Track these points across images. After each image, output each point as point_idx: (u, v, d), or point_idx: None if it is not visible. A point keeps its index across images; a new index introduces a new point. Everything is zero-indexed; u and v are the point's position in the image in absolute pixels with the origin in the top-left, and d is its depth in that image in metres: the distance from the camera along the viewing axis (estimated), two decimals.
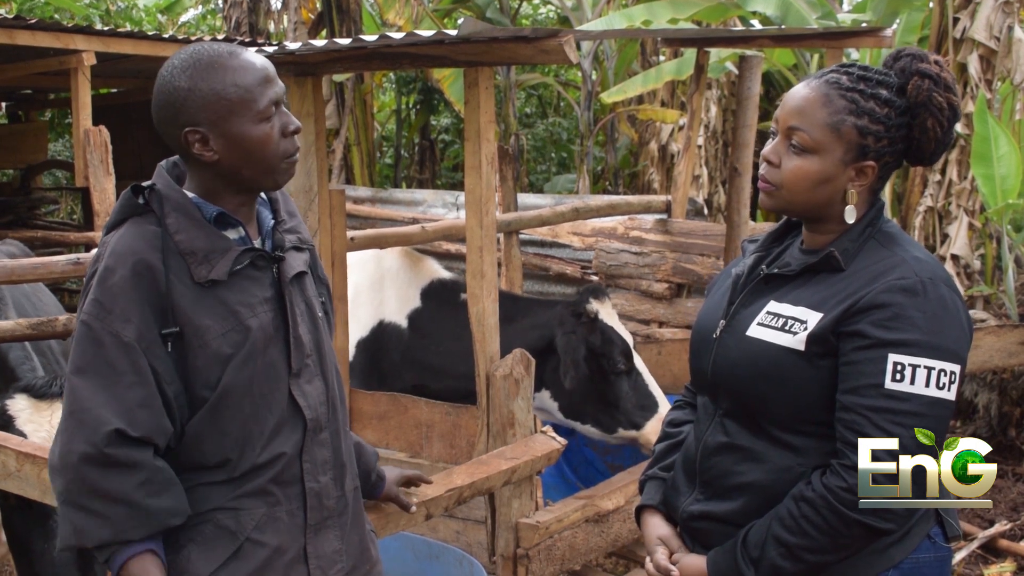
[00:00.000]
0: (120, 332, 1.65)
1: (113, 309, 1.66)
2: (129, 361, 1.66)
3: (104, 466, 1.64)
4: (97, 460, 1.63)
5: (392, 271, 4.29)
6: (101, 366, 1.66)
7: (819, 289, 1.72)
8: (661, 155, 10.20)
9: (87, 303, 1.69)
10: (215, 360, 1.70)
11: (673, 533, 1.90)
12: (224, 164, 1.73)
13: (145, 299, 1.67)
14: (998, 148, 5.45)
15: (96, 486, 1.64)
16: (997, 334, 4.49)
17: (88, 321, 1.67)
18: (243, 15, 10.64)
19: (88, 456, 1.63)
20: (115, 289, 1.66)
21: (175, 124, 1.72)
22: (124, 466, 1.64)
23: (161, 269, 1.68)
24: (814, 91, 1.74)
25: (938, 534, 1.75)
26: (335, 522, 1.84)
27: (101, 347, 1.66)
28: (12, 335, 3.18)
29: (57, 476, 1.68)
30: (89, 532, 1.66)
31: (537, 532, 3.12)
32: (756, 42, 5.14)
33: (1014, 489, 4.72)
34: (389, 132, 13.79)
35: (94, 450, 1.63)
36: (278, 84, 1.76)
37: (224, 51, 1.73)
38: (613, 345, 3.95)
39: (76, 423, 1.65)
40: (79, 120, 6.63)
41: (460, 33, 2.71)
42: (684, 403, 2.06)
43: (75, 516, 1.66)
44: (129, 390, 1.65)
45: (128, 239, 1.70)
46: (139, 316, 1.66)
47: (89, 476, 1.64)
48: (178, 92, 1.70)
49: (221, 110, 1.69)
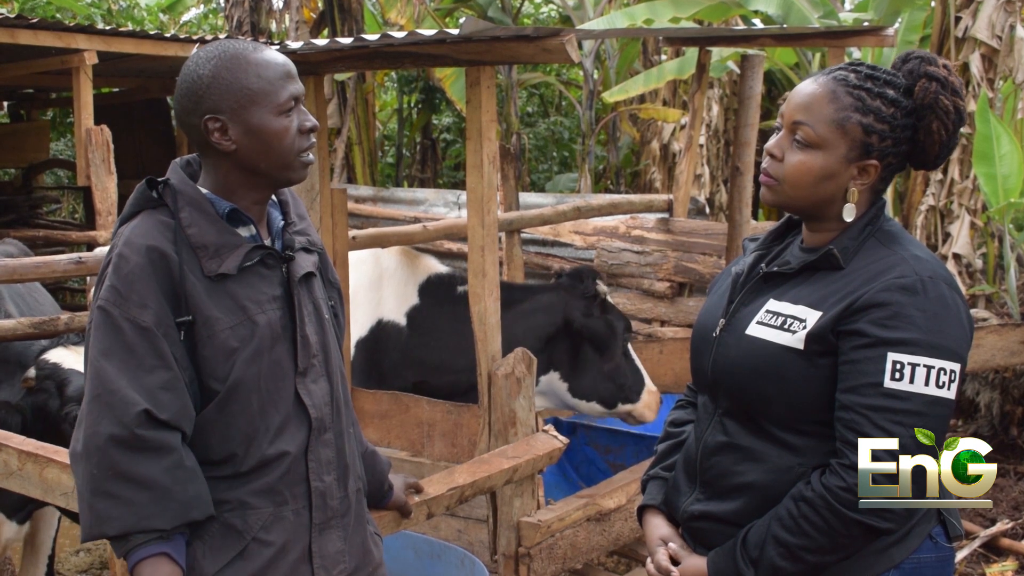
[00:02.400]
0: (138, 318, 1.65)
1: (130, 296, 1.66)
2: (149, 345, 1.65)
3: (133, 448, 1.62)
4: (126, 442, 1.61)
5: (390, 270, 4.29)
6: (122, 350, 1.65)
7: (818, 287, 1.72)
8: (663, 154, 10.19)
9: (103, 290, 1.69)
10: (222, 352, 1.70)
11: (675, 533, 1.89)
12: (241, 155, 1.74)
13: (160, 286, 1.67)
14: (1000, 147, 5.45)
15: (123, 469, 1.62)
16: (999, 333, 4.49)
17: (106, 307, 1.67)
18: (245, 14, 10.64)
19: (117, 438, 1.61)
20: (131, 276, 1.67)
21: (196, 112, 1.73)
22: (153, 449, 1.63)
23: (175, 258, 1.69)
24: (821, 87, 1.74)
25: (940, 534, 1.74)
26: (338, 522, 1.84)
27: (120, 332, 1.65)
28: (13, 334, 3.18)
29: (80, 463, 1.65)
30: (112, 519, 1.63)
31: (539, 531, 3.12)
32: (758, 41, 5.14)
33: (1016, 488, 4.72)
34: (391, 131, 13.78)
35: (124, 431, 1.61)
36: (298, 82, 1.79)
37: (248, 46, 1.77)
38: (623, 322, 4.20)
39: (103, 405, 1.63)
40: (81, 119, 6.63)
41: (462, 32, 2.71)
42: (686, 402, 2.06)
43: (99, 503, 1.63)
44: (151, 374, 1.64)
45: (142, 229, 1.72)
46: (155, 302, 1.66)
47: (117, 459, 1.62)
48: (201, 80, 1.73)
49: (242, 99, 1.72)
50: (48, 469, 2.28)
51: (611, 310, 4.19)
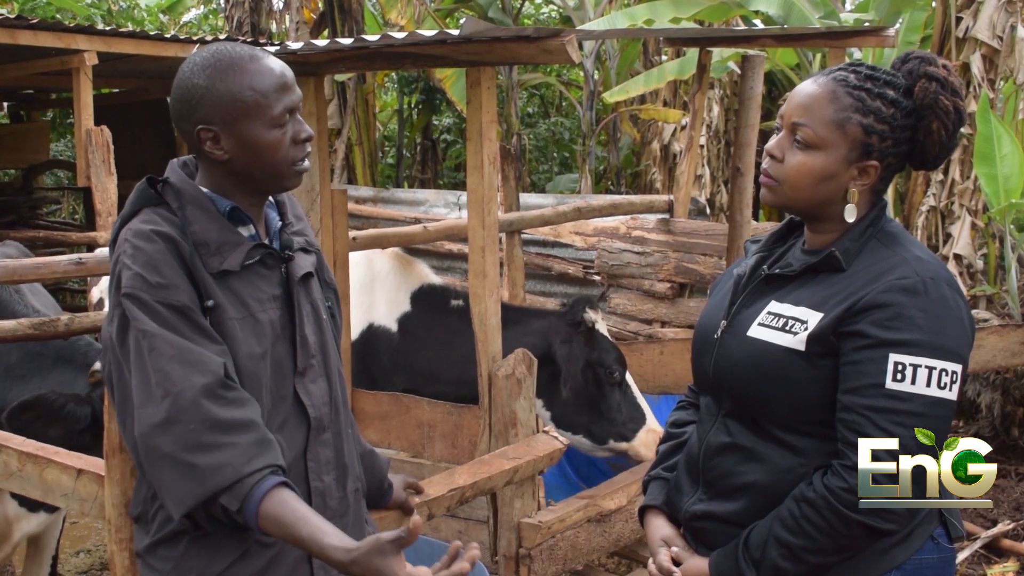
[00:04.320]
0: (170, 298, 1.64)
1: (156, 279, 1.64)
2: (190, 323, 1.64)
3: (225, 398, 1.59)
4: (217, 392, 1.59)
5: (382, 274, 4.28)
6: (167, 327, 1.62)
7: (820, 289, 1.72)
8: (663, 155, 10.18)
9: (127, 279, 1.65)
10: (231, 341, 1.69)
11: (676, 534, 1.89)
12: (234, 164, 1.75)
13: (182, 268, 1.67)
14: (1001, 148, 5.45)
15: (222, 417, 1.58)
16: (1000, 334, 4.48)
17: (135, 294, 1.63)
18: (245, 15, 10.64)
19: (208, 388, 1.58)
20: (153, 260, 1.65)
21: (189, 120, 1.74)
22: (242, 399, 1.62)
23: (186, 246, 1.68)
24: (821, 87, 1.74)
25: (941, 535, 1.74)
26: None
27: (158, 315, 1.63)
28: (13, 335, 3.17)
29: (167, 431, 1.57)
30: (222, 468, 1.56)
31: (539, 532, 3.12)
32: (758, 42, 5.13)
33: (1017, 489, 4.72)
34: (391, 132, 13.78)
35: (214, 380, 1.59)
36: (295, 92, 1.78)
37: (245, 54, 1.75)
38: (610, 355, 3.95)
39: (181, 364, 1.59)
40: (81, 120, 6.64)
41: (462, 33, 2.71)
42: (687, 403, 2.06)
43: (202, 458, 1.56)
44: (203, 347, 1.62)
45: (149, 221, 1.71)
46: (183, 282, 1.66)
47: (213, 409, 1.58)
48: (195, 89, 1.72)
49: (235, 112, 1.71)
50: (48, 470, 2.27)
51: (599, 340, 3.95)
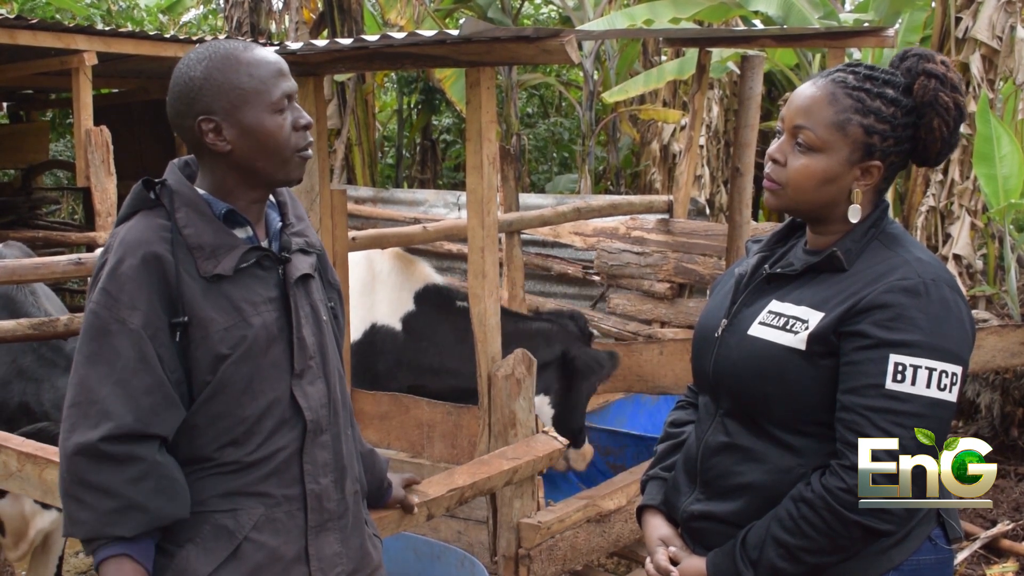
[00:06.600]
0: (126, 319, 1.66)
1: (120, 297, 1.67)
2: (135, 348, 1.66)
3: (97, 459, 1.65)
4: (91, 453, 1.65)
5: (383, 274, 4.29)
6: (107, 354, 1.67)
7: (821, 289, 1.72)
8: (663, 155, 10.18)
9: (96, 293, 1.70)
10: (214, 353, 1.70)
11: (674, 533, 1.89)
12: (237, 155, 1.74)
13: (154, 288, 1.68)
14: (1000, 148, 5.44)
15: (87, 478, 1.65)
16: (999, 334, 4.48)
17: (96, 310, 1.69)
18: (244, 15, 10.64)
19: (82, 448, 1.65)
20: (123, 278, 1.68)
21: (189, 114, 1.74)
22: (117, 461, 1.65)
23: (171, 260, 1.69)
24: (820, 90, 1.73)
25: (939, 536, 1.74)
26: (335, 525, 1.84)
27: (108, 335, 1.67)
28: (13, 335, 3.18)
29: (60, 464, 1.71)
30: (79, 523, 1.68)
31: (539, 532, 3.12)
32: (758, 42, 5.14)
33: (1016, 489, 4.72)
34: (391, 132, 13.78)
35: (89, 444, 1.64)
36: (291, 80, 1.79)
37: (239, 45, 1.77)
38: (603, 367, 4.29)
39: (79, 414, 1.67)
40: (80, 120, 6.64)
41: (462, 33, 2.71)
42: (686, 403, 2.06)
43: (68, 505, 1.69)
44: (134, 376, 1.66)
45: (138, 231, 1.72)
46: (146, 304, 1.67)
47: (82, 468, 1.65)
48: (193, 82, 1.73)
49: (235, 99, 1.72)
50: (48, 470, 2.28)
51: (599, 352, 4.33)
